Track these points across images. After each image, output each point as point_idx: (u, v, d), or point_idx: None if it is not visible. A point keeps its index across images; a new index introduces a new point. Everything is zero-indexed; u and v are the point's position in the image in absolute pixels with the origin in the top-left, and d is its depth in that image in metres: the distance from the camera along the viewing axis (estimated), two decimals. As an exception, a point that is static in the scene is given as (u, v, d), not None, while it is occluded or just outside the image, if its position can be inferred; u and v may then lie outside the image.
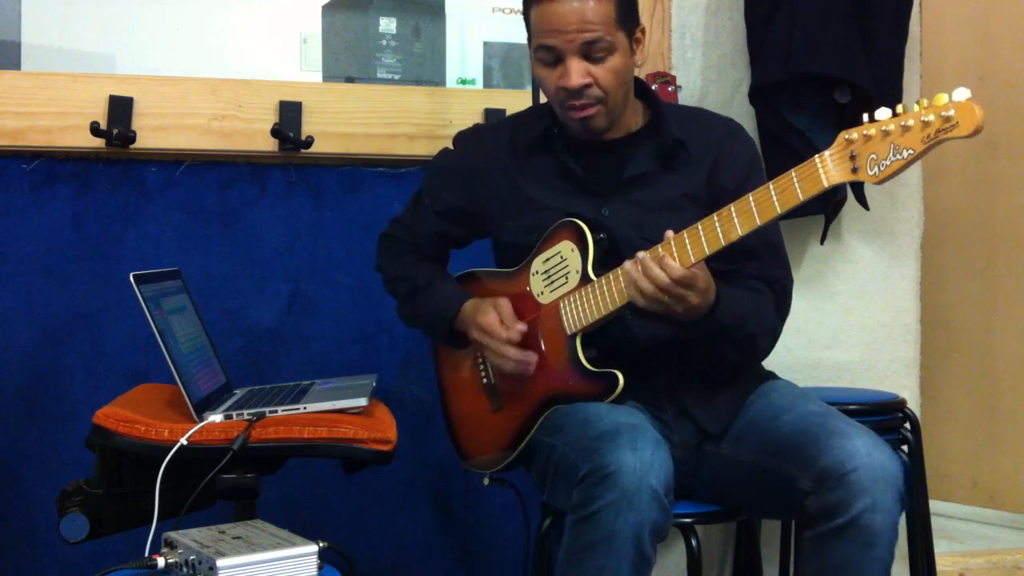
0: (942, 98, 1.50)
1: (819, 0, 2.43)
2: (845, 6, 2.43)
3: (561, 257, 1.89)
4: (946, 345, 3.42)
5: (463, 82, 3.11)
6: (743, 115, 2.59)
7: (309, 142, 2.42)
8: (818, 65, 2.42)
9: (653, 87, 2.40)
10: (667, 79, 2.45)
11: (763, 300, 1.88)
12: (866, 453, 1.64)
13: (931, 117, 1.50)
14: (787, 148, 2.44)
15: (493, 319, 1.91)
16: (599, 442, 1.64)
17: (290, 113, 2.43)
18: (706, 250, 1.70)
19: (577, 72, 1.82)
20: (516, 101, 2.41)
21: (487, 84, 3.07)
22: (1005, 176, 3.40)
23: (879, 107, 1.57)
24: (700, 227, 1.71)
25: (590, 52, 1.82)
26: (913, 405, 2.58)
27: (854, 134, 1.58)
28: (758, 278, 1.89)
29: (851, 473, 1.62)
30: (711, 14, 2.63)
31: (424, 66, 2.82)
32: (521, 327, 1.90)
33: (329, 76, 2.85)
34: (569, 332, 1.86)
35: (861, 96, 2.41)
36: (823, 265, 2.69)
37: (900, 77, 2.56)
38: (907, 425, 2.38)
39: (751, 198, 1.67)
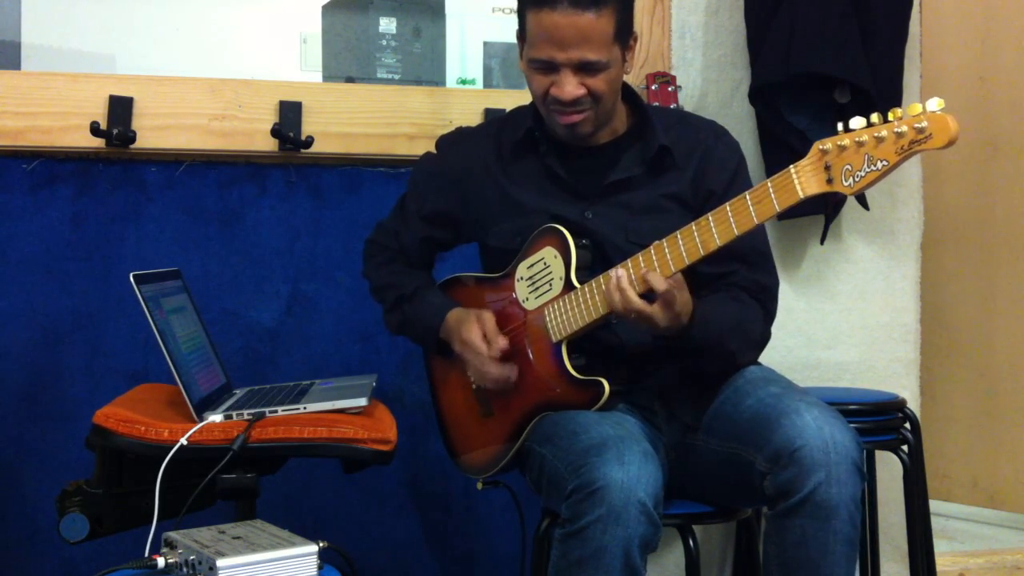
0: (916, 108, 1.48)
1: (819, 0, 2.43)
2: (845, 6, 2.43)
3: (545, 263, 1.88)
4: (946, 345, 3.42)
5: (463, 82, 3.11)
6: (743, 115, 2.59)
7: (309, 142, 2.42)
8: (818, 65, 2.42)
9: (653, 87, 2.39)
10: (667, 79, 2.45)
11: (748, 314, 1.86)
12: (816, 428, 1.63)
13: (904, 129, 1.48)
14: (787, 148, 2.44)
15: (476, 334, 1.89)
16: (586, 456, 1.63)
17: (290, 113, 2.42)
18: (685, 260, 1.69)
19: (571, 85, 1.80)
20: (516, 101, 2.38)
21: (487, 84, 3.07)
22: (1005, 176, 3.39)
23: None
24: (679, 236, 1.70)
25: (585, 66, 1.80)
26: (913, 405, 2.58)
27: (828, 145, 1.56)
28: (744, 287, 1.88)
29: (801, 449, 1.62)
30: (711, 14, 2.63)
31: (424, 66, 2.82)
32: (503, 342, 1.88)
33: (329, 76, 2.85)
34: (554, 340, 1.84)
35: (861, 96, 2.41)
36: (823, 265, 2.69)
37: (900, 77, 2.56)
38: (907, 425, 2.38)
39: (728, 208, 1.66)
